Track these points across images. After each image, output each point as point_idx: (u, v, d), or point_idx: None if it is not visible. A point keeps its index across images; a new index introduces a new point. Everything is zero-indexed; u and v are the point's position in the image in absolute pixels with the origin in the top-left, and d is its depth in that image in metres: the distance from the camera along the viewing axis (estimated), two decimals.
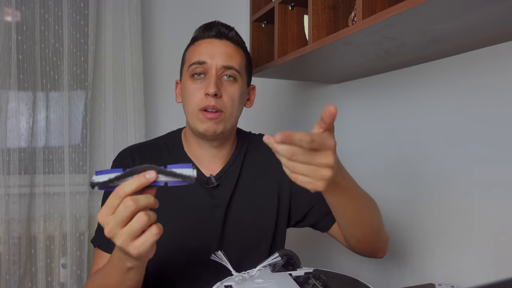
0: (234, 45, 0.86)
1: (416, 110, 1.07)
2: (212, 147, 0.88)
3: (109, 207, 0.52)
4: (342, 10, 0.98)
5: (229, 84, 0.84)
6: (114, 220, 0.52)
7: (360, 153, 1.28)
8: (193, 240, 0.84)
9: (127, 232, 0.52)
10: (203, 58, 0.83)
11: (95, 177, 0.53)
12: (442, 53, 0.94)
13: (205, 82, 0.83)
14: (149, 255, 0.57)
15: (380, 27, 0.76)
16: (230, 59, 0.84)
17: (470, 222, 0.91)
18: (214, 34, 0.86)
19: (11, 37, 1.35)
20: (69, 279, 1.44)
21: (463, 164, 0.93)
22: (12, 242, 1.36)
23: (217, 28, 0.86)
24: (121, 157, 0.89)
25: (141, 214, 0.52)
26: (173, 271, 0.84)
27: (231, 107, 0.83)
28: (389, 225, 1.12)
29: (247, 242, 0.87)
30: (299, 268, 0.76)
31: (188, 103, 0.84)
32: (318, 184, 0.53)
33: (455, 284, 0.92)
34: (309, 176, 0.53)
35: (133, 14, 1.50)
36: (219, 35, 0.86)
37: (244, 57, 0.89)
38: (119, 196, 0.52)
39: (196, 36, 0.89)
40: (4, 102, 1.36)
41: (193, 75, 0.84)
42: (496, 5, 0.63)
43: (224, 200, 0.86)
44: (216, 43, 0.85)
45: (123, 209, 0.51)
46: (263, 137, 0.52)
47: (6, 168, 1.35)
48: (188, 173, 0.53)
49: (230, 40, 0.86)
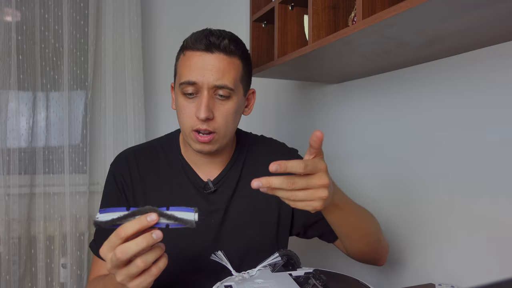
0: (227, 57, 0.78)
1: (416, 110, 1.07)
2: (209, 156, 0.85)
3: (110, 245, 0.55)
4: (342, 10, 0.98)
5: (222, 104, 0.78)
6: (112, 261, 0.54)
7: (360, 152, 1.28)
8: (189, 246, 0.83)
9: (126, 273, 0.55)
10: (193, 78, 0.76)
11: (99, 215, 0.55)
12: (442, 53, 0.94)
13: (196, 102, 0.78)
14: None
15: (380, 27, 0.76)
16: (222, 76, 0.77)
17: (470, 222, 0.91)
18: (204, 47, 0.77)
19: (11, 37, 1.35)
20: (69, 279, 1.44)
21: (463, 164, 0.93)
22: (12, 242, 1.37)
23: (207, 39, 0.78)
24: (118, 162, 0.88)
25: (138, 261, 0.55)
26: (169, 278, 0.82)
27: (225, 127, 0.79)
28: (389, 225, 1.12)
29: (244, 250, 0.85)
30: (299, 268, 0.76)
31: (181, 121, 0.81)
32: (316, 204, 0.59)
33: (455, 284, 0.92)
34: (308, 199, 0.58)
35: (133, 14, 1.50)
36: (210, 48, 0.77)
37: (240, 66, 0.81)
38: (120, 237, 0.54)
39: (186, 46, 0.81)
40: (4, 102, 1.36)
41: (184, 94, 0.79)
42: (496, 5, 0.63)
43: (221, 206, 0.84)
44: (207, 58, 0.77)
45: (120, 254, 0.53)
46: (252, 184, 0.56)
47: (6, 168, 1.35)
48: (190, 218, 0.56)
49: (222, 52, 0.78)
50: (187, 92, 0.78)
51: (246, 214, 0.86)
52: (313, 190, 0.58)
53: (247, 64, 0.85)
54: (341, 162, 1.33)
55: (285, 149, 0.95)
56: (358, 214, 0.78)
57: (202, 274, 0.83)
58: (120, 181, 0.85)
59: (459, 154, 0.94)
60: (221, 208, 0.84)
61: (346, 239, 0.82)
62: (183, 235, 0.82)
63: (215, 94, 0.78)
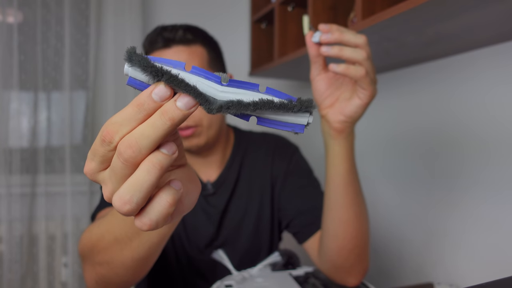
0: (186, 47, 0.75)
1: (416, 110, 1.07)
2: (200, 157, 0.84)
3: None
4: (341, 11, 0.98)
5: None
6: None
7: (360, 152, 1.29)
8: (187, 248, 0.82)
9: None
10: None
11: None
12: (442, 53, 0.94)
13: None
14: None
15: (380, 27, 0.76)
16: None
17: (470, 221, 0.91)
18: (161, 45, 0.75)
19: (13, 37, 1.36)
20: (71, 279, 1.44)
21: (463, 164, 0.93)
22: (14, 241, 1.37)
23: (161, 36, 0.75)
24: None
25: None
26: (167, 280, 0.83)
27: (207, 117, 0.76)
28: (389, 224, 1.13)
29: (242, 252, 0.84)
30: (299, 268, 0.76)
31: None
32: (375, 89, 0.59)
33: (454, 283, 0.92)
34: (374, 79, 0.58)
35: (134, 14, 1.51)
36: (167, 44, 0.75)
37: (204, 52, 0.77)
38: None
39: (146, 50, 0.78)
40: (6, 102, 1.36)
41: None
42: (496, 5, 0.63)
43: (219, 208, 0.83)
44: (166, 54, 0.75)
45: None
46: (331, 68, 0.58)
47: (8, 168, 1.36)
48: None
49: (180, 43, 0.75)
50: None
51: (243, 214, 0.85)
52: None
53: (213, 49, 0.80)
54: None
55: (284, 144, 0.92)
56: (358, 186, 0.67)
57: (200, 277, 0.83)
58: None
59: (459, 153, 0.95)
60: (219, 210, 0.83)
61: (340, 209, 0.66)
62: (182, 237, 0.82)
63: None
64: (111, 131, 0.28)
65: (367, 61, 0.56)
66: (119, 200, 0.28)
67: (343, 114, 0.60)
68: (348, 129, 0.61)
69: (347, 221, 0.65)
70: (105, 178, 0.30)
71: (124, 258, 0.51)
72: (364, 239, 0.68)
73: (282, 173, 0.86)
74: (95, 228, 0.55)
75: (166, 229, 0.48)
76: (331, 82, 0.62)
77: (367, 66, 0.56)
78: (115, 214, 0.51)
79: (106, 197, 0.30)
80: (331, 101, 0.61)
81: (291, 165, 0.87)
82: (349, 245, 0.67)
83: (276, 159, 0.88)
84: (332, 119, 0.61)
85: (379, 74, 1.20)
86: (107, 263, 0.53)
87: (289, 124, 0.32)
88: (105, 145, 0.29)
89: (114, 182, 0.29)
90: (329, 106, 0.62)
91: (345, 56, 0.56)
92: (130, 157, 0.28)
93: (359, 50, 0.56)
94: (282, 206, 0.86)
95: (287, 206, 0.84)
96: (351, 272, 0.70)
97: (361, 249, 0.68)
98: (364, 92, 0.58)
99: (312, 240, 0.78)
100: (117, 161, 0.28)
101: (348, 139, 0.62)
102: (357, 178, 0.67)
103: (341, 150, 0.62)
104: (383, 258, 1.16)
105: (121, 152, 0.28)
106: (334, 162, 0.64)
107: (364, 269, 0.71)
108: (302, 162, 0.89)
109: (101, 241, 0.53)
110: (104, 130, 0.29)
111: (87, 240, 0.56)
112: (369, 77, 0.57)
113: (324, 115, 0.62)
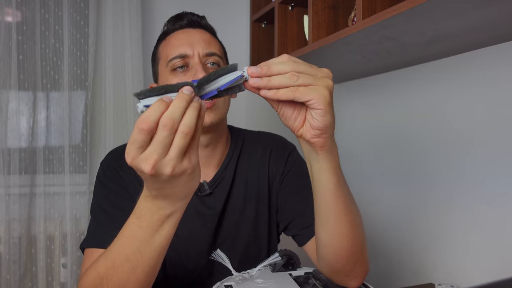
0: (209, 33, 0.81)
1: (416, 110, 1.07)
2: (204, 147, 0.81)
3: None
4: (342, 10, 0.98)
5: None
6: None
7: (360, 152, 1.28)
8: (184, 251, 0.81)
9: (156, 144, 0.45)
10: (182, 51, 0.76)
11: (142, 102, 0.47)
12: (442, 53, 0.94)
13: (189, 73, 0.76)
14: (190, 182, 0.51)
15: (380, 27, 0.76)
16: (210, 45, 0.78)
17: (470, 222, 0.91)
18: (186, 23, 0.80)
19: (11, 37, 1.35)
20: (70, 279, 1.44)
21: (463, 165, 0.93)
22: (12, 242, 1.37)
23: (188, 17, 0.81)
24: (115, 156, 0.85)
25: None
26: (164, 282, 0.82)
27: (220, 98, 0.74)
28: (389, 225, 1.13)
29: (240, 253, 0.84)
30: (299, 268, 0.76)
31: None
32: (323, 91, 0.51)
33: (455, 283, 0.92)
34: (312, 84, 0.51)
35: (133, 14, 1.51)
36: (192, 24, 0.80)
37: (221, 46, 0.84)
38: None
39: (167, 29, 0.82)
40: (5, 102, 1.36)
41: (174, 69, 0.77)
42: (496, 6, 0.63)
43: (216, 209, 0.82)
44: (191, 32, 0.79)
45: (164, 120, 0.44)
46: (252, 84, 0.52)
47: (6, 168, 1.35)
48: (236, 73, 0.52)
49: (204, 28, 0.81)
50: (178, 65, 0.77)
51: (241, 215, 0.84)
52: (316, 77, 0.52)
53: (225, 50, 0.87)
54: (340, 161, 1.33)
55: (280, 144, 0.91)
56: (347, 190, 0.65)
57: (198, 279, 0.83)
58: (120, 175, 0.81)
59: (459, 154, 0.94)
60: (217, 211, 0.82)
61: (330, 216, 0.63)
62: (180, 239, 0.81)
63: (206, 64, 0.78)
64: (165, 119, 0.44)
65: (294, 76, 0.52)
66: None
67: (314, 127, 0.56)
68: (329, 141, 0.57)
69: (341, 232, 0.64)
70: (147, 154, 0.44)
71: (137, 275, 0.54)
72: (361, 245, 0.67)
73: (279, 173, 0.85)
74: (101, 261, 0.57)
75: (172, 229, 0.53)
76: (295, 103, 0.59)
77: (296, 81, 0.51)
78: (122, 237, 0.54)
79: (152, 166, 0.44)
80: (301, 120, 0.57)
81: (288, 164, 0.86)
82: (345, 253, 0.65)
83: (273, 159, 0.87)
84: (307, 136, 0.57)
85: (379, 74, 1.20)
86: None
87: (231, 81, 0.51)
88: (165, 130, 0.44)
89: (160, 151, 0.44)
90: (301, 126, 0.58)
91: (275, 85, 0.52)
92: (171, 127, 0.44)
93: (285, 73, 0.52)
94: (279, 207, 0.85)
95: (285, 207, 0.84)
96: (351, 276, 0.69)
97: (359, 254, 0.67)
98: (311, 101, 0.52)
99: (312, 242, 0.77)
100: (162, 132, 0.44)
101: (331, 151, 0.59)
102: (347, 188, 0.64)
103: (327, 164, 0.60)
104: (384, 258, 1.16)
105: (165, 124, 0.44)
106: (321, 178, 0.61)
107: (364, 271, 0.70)
108: (299, 162, 0.88)
109: (110, 269, 0.55)
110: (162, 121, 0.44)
111: (93, 277, 0.57)
112: (298, 90, 0.51)
113: (300, 135, 0.57)
